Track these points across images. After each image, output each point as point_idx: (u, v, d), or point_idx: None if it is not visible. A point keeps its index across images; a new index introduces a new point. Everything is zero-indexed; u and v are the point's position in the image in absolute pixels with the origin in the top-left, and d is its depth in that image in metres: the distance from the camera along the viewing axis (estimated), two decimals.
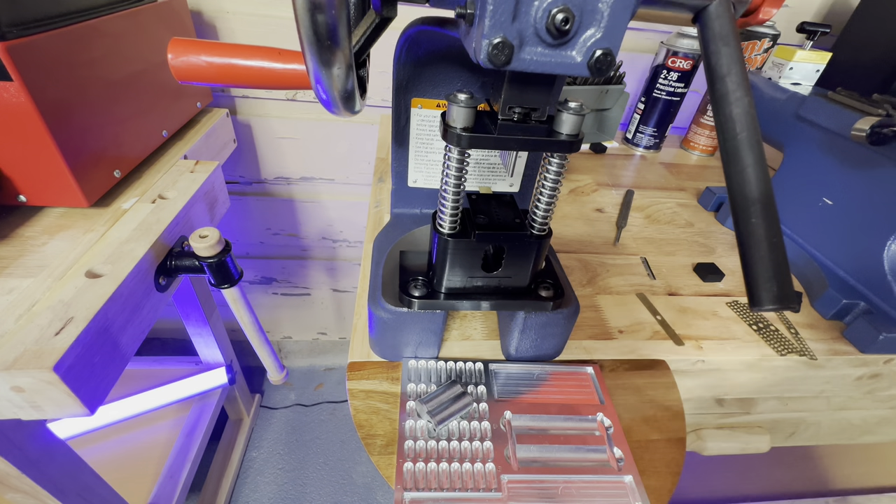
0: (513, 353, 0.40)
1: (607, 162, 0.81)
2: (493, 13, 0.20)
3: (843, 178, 0.52)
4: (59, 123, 0.42)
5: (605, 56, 0.22)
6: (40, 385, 0.32)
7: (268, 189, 0.99)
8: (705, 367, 0.45)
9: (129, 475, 0.82)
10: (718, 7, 0.21)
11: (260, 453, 1.16)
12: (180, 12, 0.66)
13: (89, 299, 0.37)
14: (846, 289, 0.49)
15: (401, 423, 0.35)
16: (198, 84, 0.30)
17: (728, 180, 0.21)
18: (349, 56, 0.22)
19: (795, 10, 0.86)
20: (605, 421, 0.37)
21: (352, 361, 0.40)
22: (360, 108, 0.26)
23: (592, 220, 0.63)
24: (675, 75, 0.76)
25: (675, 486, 0.35)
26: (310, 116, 0.88)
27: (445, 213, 0.32)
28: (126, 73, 0.53)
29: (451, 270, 0.35)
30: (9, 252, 0.42)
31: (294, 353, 1.38)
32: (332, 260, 1.14)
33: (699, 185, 0.75)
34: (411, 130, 0.42)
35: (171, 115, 0.65)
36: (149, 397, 0.89)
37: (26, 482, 0.44)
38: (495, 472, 0.33)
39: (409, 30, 0.35)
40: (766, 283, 0.20)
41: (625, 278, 0.52)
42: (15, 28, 0.38)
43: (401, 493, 0.31)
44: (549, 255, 0.42)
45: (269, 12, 0.76)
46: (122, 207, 0.49)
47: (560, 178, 0.31)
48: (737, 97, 0.20)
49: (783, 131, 0.60)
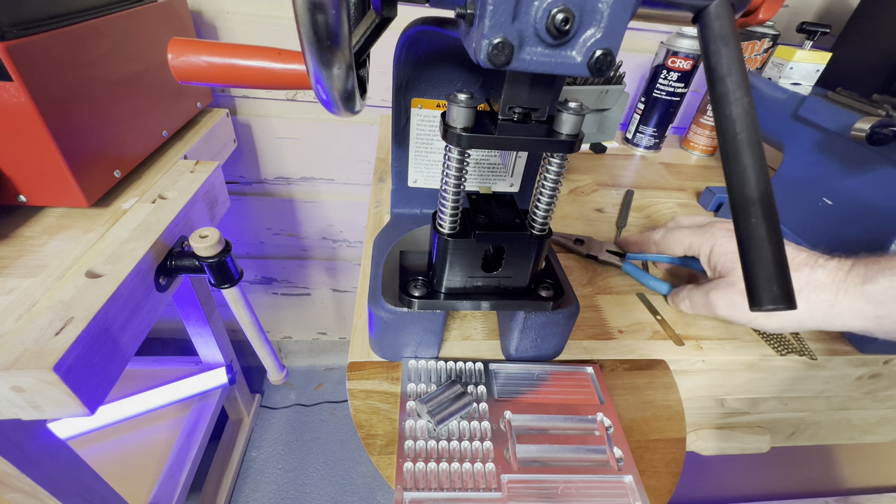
0: (513, 353, 0.40)
1: (607, 162, 0.81)
2: (492, 13, 0.20)
3: (843, 178, 0.52)
4: (59, 123, 0.42)
5: (605, 56, 0.22)
6: (40, 385, 0.32)
7: (268, 189, 0.99)
8: (705, 367, 0.45)
9: (129, 475, 0.82)
10: (718, 7, 0.21)
11: (260, 453, 1.16)
12: (180, 12, 0.66)
13: (89, 299, 0.37)
14: None
15: (401, 423, 0.35)
16: (198, 84, 0.30)
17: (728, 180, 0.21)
18: (349, 56, 0.22)
19: (795, 10, 0.86)
20: (605, 421, 0.37)
21: (352, 361, 0.40)
22: (360, 108, 0.26)
23: (592, 220, 0.63)
24: (675, 75, 0.76)
25: (675, 486, 0.35)
26: (310, 116, 0.88)
27: (445, 212, 0.32)
28: (126, 73, 0.53)
29: (451, 270, 0.35)
30: (9, 252, 0.42)
31: (294, 353, 1.38)
32: (332, 260, 1.14)
33: (699, 185, 0.75)
34: (411, 130, 0.42)
35: (171, 115, 0.65)
36: (149, 397, 0.89)
37: (26, 482, 0.44)
38: (495, 471, 0.33)
39: (409, 30, 0.35)
40: (766, 283, 0.20)
41: (625, 278, 0.52)
42: (15, 28, 0.38)
43: (401, 493, 0.31)
44: (549, 255, 0.42)
45: (269, 12, 0.76)
46: (122, 207, 0.49)
47: (560, 178, 0.31)
48: (737, 97, 0.20)
49: (783, 131, 0.60)
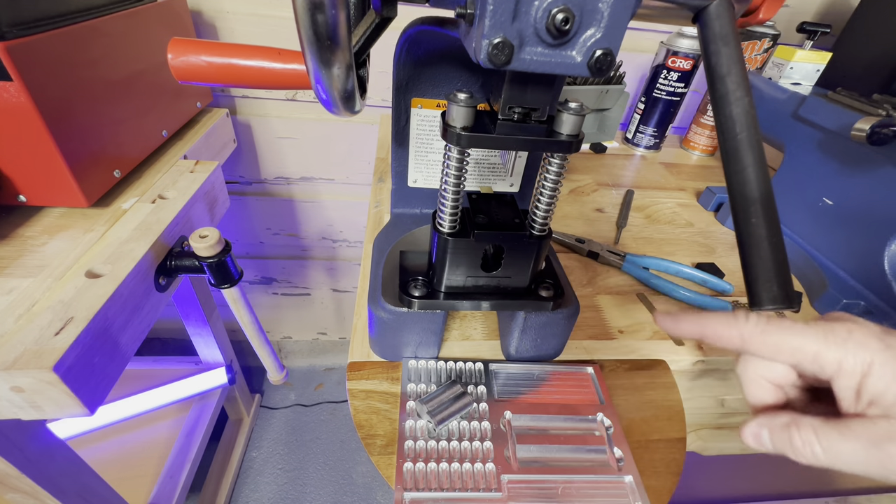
0: (513, 353, 0.40)
1: (607, 162, 0.81)
2: (493, 13, 0.20)
3: (843, 178, 0.52)
4: (59, 123, 0.42)
5: (605, 56, 0.22)
6: (40, 385, 0.32)
7: (268, 189, 0.99)
8: (705, 367, 0.45)
9: (129, 475, 0.82)
10: (718, 7, 0.21)
11: (260, 453, 1.16)
12: (180, 12, 0.66)
13: (89, 299, 0.37)
14: (846, 289, 0.49)
15: (401, 423, 0.35)
16: (198, 84, 0.30)
17: (728, 180, 0.21)
18: (349, 56, 0.22)
19: (795, 10, 0.86)
20: (605, 421, 0.37)
21: (352, 361, 0.40)
22: (360, 108, 0.26)
23: (592, 220, 0.63)
24: (675, 75, 0.76)
25: (675, 486, 0.35)
26: (310, 116, 0.88)
27: (445, 212, 0.32)
28: (126, 73, 0.53)
29: (450, 270, 0.35)
30: (9, 252, 0.42)
31: (294, 353, 1.38)
32: (332, 260, 1.14)
33: (699, 185, 0.75)
34: (411, 130, 0.42)
35: (171, 115, 0.65)
36: (149, 397, 0.89)
37: (26, 482, 0.44)
38: (495, 472, 0.33)
39: (409, 30, 0.35)
40: (766, 283, 0.20)
41: (625, 278, 0.52)
42: (15, 28, 0.38)
43: (401, 493, 0.31)
44: (549, 255, 0.42)
45: (269, 12, 0.76)
46: (122, 207, 0.49)
47: (560, 179, 0.31)
48: (737, 97, 0.20)
49: (783, 131, 0.60)
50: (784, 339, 0.23)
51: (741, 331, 0.24)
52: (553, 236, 0.54)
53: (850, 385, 0.23)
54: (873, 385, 0.22)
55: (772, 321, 0.24)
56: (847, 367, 0.22)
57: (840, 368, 0.22)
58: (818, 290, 0.51)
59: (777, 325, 0.24)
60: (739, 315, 0.25)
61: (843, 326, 0.23)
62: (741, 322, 0.24)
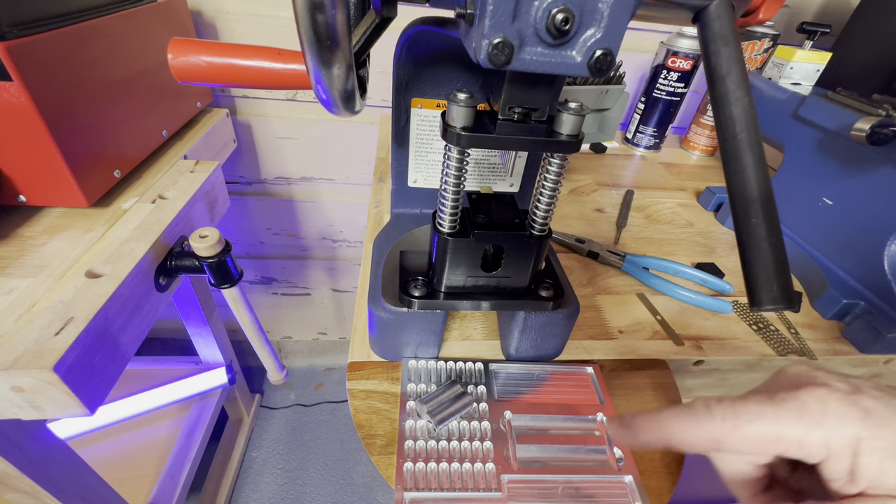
0: (513, 353, 0.40)
1: (607, 162, 0.81)
2: (493, 13, 0.20)
3: (843, 178, 0.52)
4: (59, 123, 0.42)
5: (605, 56, 0.22)
6: (40, 385, 0.32)
7: (268, 189, 0.99)
8: (705, 367, 0.45)
9: (129, 475, 0.82)
10: (718, 7, 0.21)
11: (260, 453, 1.16)
12: (180, 12, 0.66)
13: (89, 299, 0.37)
14: (846, 289, 0.49)
15: (401, 423, 0.35)
16: (198, 84, 0.30)
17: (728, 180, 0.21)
18: (349, 56, 0.22)
19: (795, 10, 0.86)
20: (605, 421, 0.37)
21: (352, 361, 0.40)
22: (360, 108, 0.26)
23: (592, 220, 0.63)
24: (675, 75, 0.76)
25: (675, 486, 0.35)
26: (310, 116, 0.88)
27: (445, 212, 0.32)
28: (126, 73, 0.53)
29: (450, 270, 0.35)
30: (9, 252, 0.42)
31: (294, 353, 1.38)
32: (332, 260, 1.14)
33: (699, 185, 0.75)
34: (411, 130, 0.42)
35: (171, 115, 0.65)
36: (149, 397, 0.89)
37: (26, 482, 0.44)
38: (495, 472, 0.33)
39: (409, 30, 0.35)
40: (766, 283, 0.20)
41: (625, 278, 0.52)
42: (15, 28, 0.38)
43: (401, 493, 0.31)
44: (549, 255, 0.42)
45: (269, 12, 0.76)
46: (122, 207, 0.49)
47: (560, 179, 0.31)
48: (737, 97, 0.20)
49: (783, 131, 0.60)
50: (761, 429, 0.21)
51: (712, 433, 0.22)
52: (553, 236, 0.54)
53: (843, 468, 0.21)
54: (866, 466, 0.20)
55: (738, 411, 0.22)
56: (836, 449, 0.21)
57: (830, 453, 0.21)
58: (818, 290, 0.51)
59: (747, 415, 0.21)
60: (698, 409, 0.22)
61: (812, 397, 0.21)
62: (707, 421, 0.22)
